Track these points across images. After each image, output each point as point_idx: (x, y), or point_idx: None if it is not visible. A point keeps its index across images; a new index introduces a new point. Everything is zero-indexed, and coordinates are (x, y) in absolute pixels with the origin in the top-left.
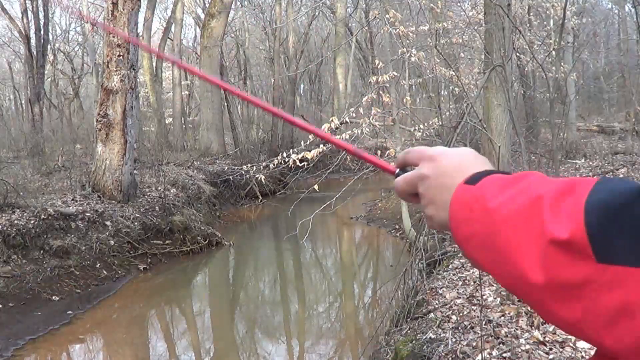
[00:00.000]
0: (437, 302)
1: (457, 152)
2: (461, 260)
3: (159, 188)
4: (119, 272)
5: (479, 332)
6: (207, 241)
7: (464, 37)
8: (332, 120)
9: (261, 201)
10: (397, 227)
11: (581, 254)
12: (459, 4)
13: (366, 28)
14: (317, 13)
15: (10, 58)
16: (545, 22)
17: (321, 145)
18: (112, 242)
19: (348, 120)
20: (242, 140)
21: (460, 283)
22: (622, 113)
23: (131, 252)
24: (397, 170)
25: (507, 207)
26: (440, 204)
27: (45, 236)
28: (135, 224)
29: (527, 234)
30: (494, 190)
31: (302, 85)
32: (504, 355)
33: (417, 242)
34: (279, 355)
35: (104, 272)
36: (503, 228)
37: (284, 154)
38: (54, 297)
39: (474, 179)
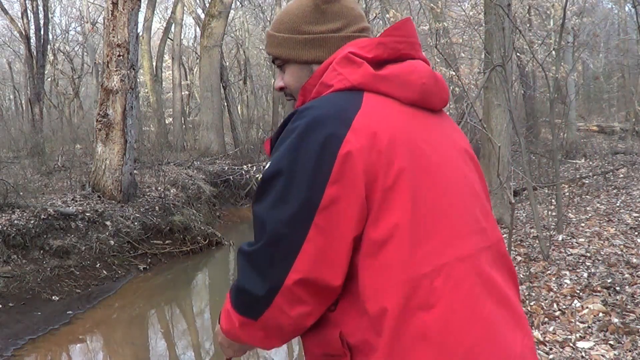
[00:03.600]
0: None
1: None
2: None
3: (159, 188)
4: (119, 272)
5: None
6: (207, 241)
7: (464, 37)
8: None
9: None
10: None
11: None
12: (459, 4)
13: None
14: None
15: (10, 58)
16: (545, 22)
17: None
18: (112, 242)
19: None
20: (242, 140)
21: None
22: (622, 113)
23: (131, 252)
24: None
25: (223, 324)
26: (222, 336)
27: (45, 236)
28: (135, 224)
29: (230, 325)
30: (221, 318)
31: None
32: None
33: None
34: (279, 356)
35: (104, 272)
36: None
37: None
38: (54, 297)
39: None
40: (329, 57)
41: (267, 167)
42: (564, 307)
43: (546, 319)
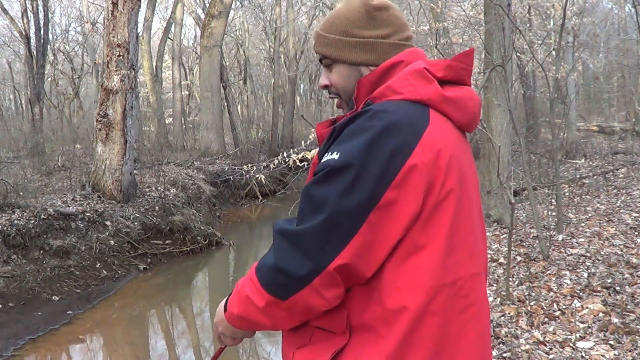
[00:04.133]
0: None
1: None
2: None
3: (159, 188)
4: (119, 272)
5: None
6: (207, 241)
7: (464, 37)
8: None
9: (261, 201)
10: None
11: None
12: (459, 4)
13: None
14: (317, 13)
15: (10, 58)
16: (545, 22)
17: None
18: (112, 242)
19: None
20: (242, 140)
21: None
22: (622, 113)
23: (131, 252)
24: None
25: (235, 309)
26: (225, 325)
27: (45, 236)
28: (135, 224)
29: (246, 308)
30: (230, 305)
31: (302, 85)
32: (504, 355)
33: None
34: (278, 356)
35: (104, 272)
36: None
37: (284, 154)
38: (54, 297)
39: (225, 308)
40: (377, 61)
41: (334, 155)
42: (564, 307)
43: (546, 319)
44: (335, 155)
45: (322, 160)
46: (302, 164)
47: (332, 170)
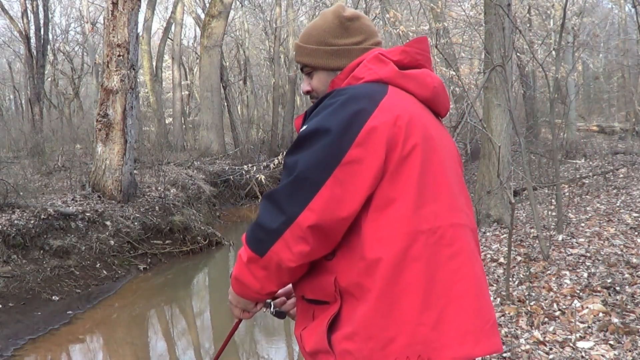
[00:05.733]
0: None
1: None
2: None
3: (159, 188)
4: (119, 272)
5: None
6: (207, 241)
7: (464, 37)
8: None
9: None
10: None
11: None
12: (459, 4)
13: None
14: (317, 13)
15: (10, 58)
16: (545, 22)
17: None
18: (112, 242)
19: None
20: (242, 140)
21: None
22: (622, 113)
23: (131, 252)
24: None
25: (234, 270)
26: (230, 292)
27: (45, 236)
28: (135, 224)
29: (239, 267)
30: (235, 267)
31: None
32: (504, 355)
33: None
34: (279, 356)
35: (104, 272)
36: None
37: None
38: (54, 297)
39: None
40: (351, 65)
41: (303, 128)
42: (564, 307)
43: (546, 319)
44: (303, 128)
45: None
46: None
47: (300, 137)
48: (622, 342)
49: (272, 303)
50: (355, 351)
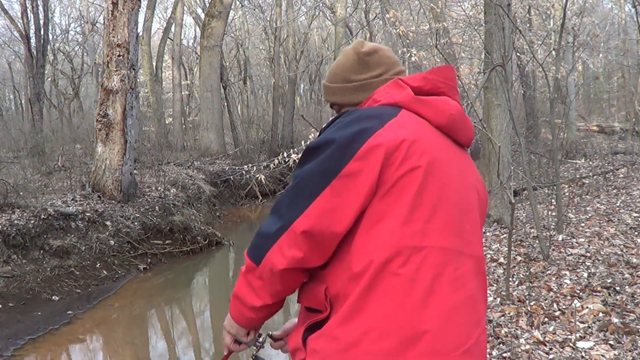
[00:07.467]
0: None
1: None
2: None
3: (159, 188)
4: (119, 272)
5: None
6: (207, 241)
7: (464, 37)
8: None
9: (261, 201)
10: None
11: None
12: (459, 4)
13: (366, 28)
14: (317, 13)
15: (10, 58)
16: (545, 22)
17: None
18: (112, 242)
19: None
20: (242, 140)
21: None
22: (622, 113)
23: (131, 252)
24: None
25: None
26: (228, 319)
27: (45, 236)
28: (135, 224)
29: (239, 283)
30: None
31: (302, 85)
32: (504, 355)
33: None
34: (279, 356)
35: (104, 272)
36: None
37: (284, 154)
38: (54, 297)
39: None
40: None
41: (312, 141)
42: (564, 307)
43: (546, 319)
44: (311, 141)
45: None
46: None
47: (307, 149)
48: (622, 342)
49: (259, 343)
50: (320, 350)
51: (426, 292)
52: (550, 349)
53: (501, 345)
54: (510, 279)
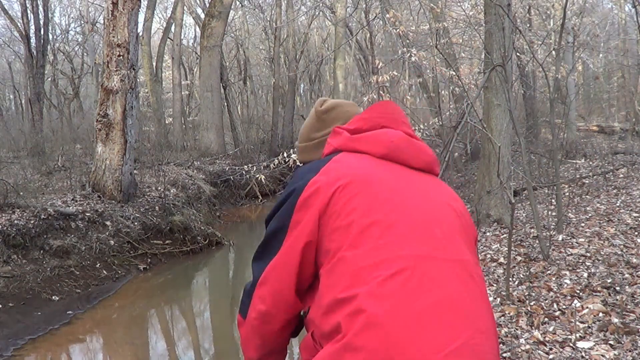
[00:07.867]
0: None
1: None
2: None
3: (159, 188)
4: (119, 272)
5: None
6: (207, 241)
7: (464, 37)
8: None
9: (261, 201)
10: None
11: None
12: (459, 4)
13: (366, 28)
14: (317, 13)
15: (10, 58)
16: (545, 22)
17: None
18: (112, 242)
19: None
20: (242, 140)
21: None
22: (622, 113)
23: (131, 252)
24: None
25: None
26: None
27: (45, 236)
28: (135, 224)
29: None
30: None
31: (302, 85)
32: (504, 355)
33: None
34: None
35: (104, 272)
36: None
37: (284, 154)
38: (54, 297)
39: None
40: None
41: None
42: (564, 307)
43: (546, 319)
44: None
45: None
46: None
47: (268, 218)
48: (622, 342)
49: None
50: None
51: (394, 304)
52: (550, 349)
53: (501, 345)
54: (510, 279)
